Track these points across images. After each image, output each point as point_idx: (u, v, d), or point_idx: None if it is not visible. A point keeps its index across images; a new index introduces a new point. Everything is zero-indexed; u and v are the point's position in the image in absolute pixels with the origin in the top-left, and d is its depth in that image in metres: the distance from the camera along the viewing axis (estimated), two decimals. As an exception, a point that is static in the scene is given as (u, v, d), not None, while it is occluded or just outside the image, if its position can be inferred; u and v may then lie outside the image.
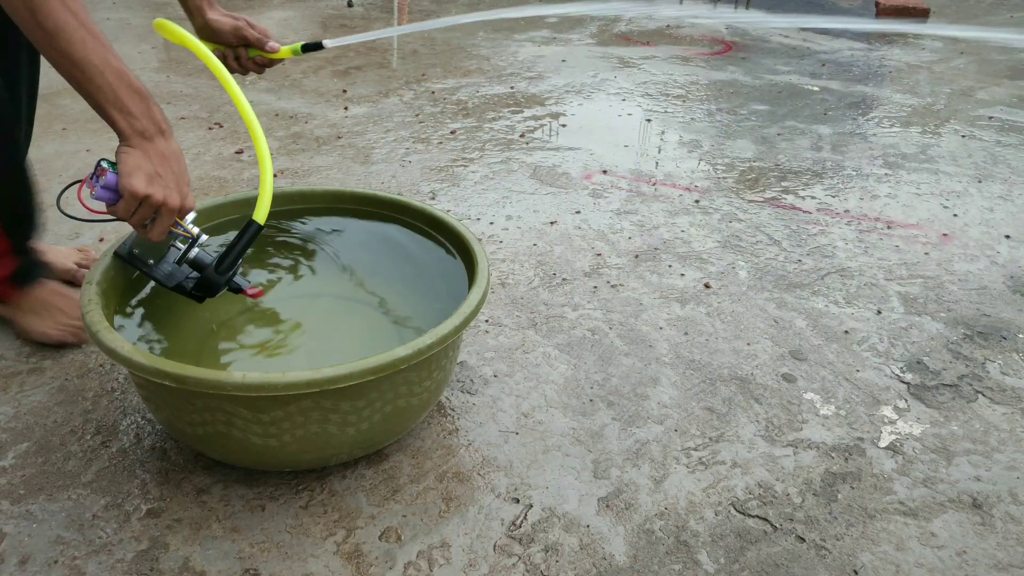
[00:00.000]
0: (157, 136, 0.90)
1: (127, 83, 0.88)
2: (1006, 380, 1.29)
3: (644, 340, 1.35)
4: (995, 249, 1.73)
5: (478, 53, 3.16)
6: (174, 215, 0.93)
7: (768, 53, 3.39)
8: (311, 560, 0.92)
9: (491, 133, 2.28)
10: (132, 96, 0.88)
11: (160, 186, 0.90)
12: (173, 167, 0.92)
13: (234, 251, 0.99)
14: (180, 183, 0.93)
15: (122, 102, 0.88)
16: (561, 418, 1.16)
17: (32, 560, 0.90)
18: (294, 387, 0.83)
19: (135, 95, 0.88)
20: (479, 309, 0.98)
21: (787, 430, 1.16)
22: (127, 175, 0.89)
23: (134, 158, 0.89)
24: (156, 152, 0.90)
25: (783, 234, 1.75)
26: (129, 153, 0.89)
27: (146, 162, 0.89)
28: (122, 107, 0.88)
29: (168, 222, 0.94)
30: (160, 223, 0.93)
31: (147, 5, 3.69)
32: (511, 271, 1.55)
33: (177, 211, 0.93)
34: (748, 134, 2.38)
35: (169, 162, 0.91)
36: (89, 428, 1.10)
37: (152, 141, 0.90)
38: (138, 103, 0.89)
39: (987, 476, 1.09)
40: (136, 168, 0.89)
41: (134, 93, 0.88)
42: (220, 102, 2.43)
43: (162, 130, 0.91)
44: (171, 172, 0.91)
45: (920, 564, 0.95)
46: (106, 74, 0.86)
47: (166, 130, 0.92)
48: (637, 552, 0.95)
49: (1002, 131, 2.50)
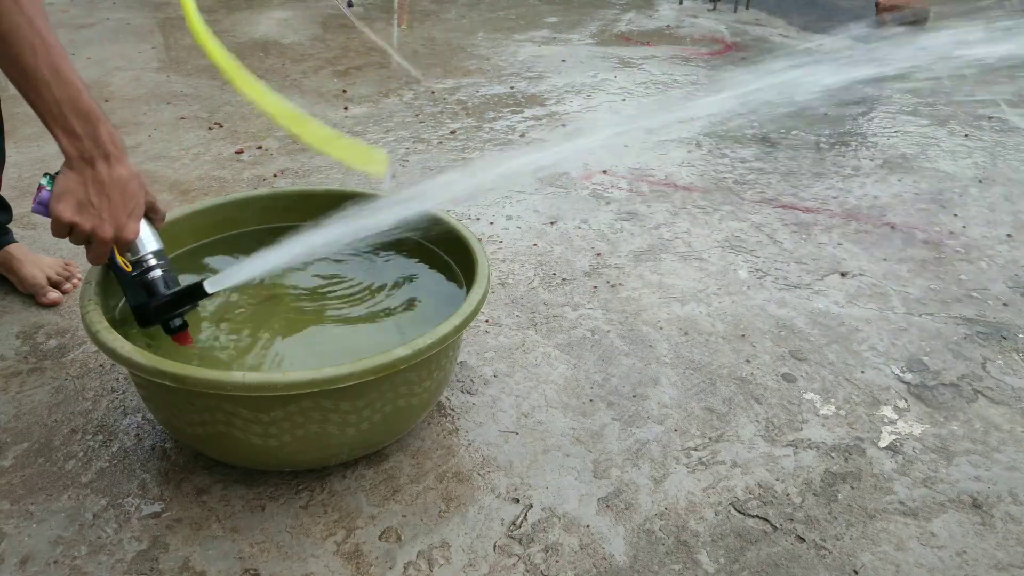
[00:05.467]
0: (100, 161, 0.84)
1: (75, 101, 0.82)
2: (1006, 380, 1.29)
3: (644, 340, 1.35)
4: (995, 249, 1.73)
5: (478, 53, 3.16)
6: (108, 245, 0.88)
7: (768, 53, 3.39)
8: (311, 560, 0.92)
9: (491, 133, 2.28)
10: (78, 116, 0.82)
11: (90, 215, 0.85)
12: (111, 195, 0.86)
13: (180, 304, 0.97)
14: (117, 213, 0.87)
15: (67, 120, 0.82)
16: (561, 418, 1.16)
17: (32, 560, 0.90)
18: (294, 387, 0.83)
19: (81, 115, 0.83)
20: (479, 309, 0.98)
21: (787, 430, 1.16)
22: (56, 199, 0.84)
23: (69, 182, 0.84)
24: (94, 179, 0.85)
25: (783, 234, 1.75)
26: (66, 175, 0.85)
27: (80, 188, 0.84)
28: (66, 126, 0.82)
29: (102, 251, 0.89)
30: (93, 251, 0.89)
31: (147, 5, 3.69)
32: (511, 271, 1.55)
33: (110, 242, 0.88)
34: (748, 134, 2.38)
35: (107, 190, 0.85)
36: (89, 428, 1.10)
37: (93, 166, 0.84)
38: (83, 124, 0.83)
39: (987, 476, 1.09)
40: (66, 193, 0.84)
41: (80, 113, 0.82)
42: (220, 102, 2.43)
43: (107, 154, 0.85)
44: (107, 201, 0.86)
45: (920, 564, 0.95)
46: (53, 88, 0.81)
47: (112, 154, 0.85)
48: (637, 552, 0.95)
49: (1002, 131, 2.50)
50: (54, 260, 1.41)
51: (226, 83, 2.60)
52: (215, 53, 0.98)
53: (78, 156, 0.84)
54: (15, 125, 2.02)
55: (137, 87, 2.55)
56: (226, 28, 3.35)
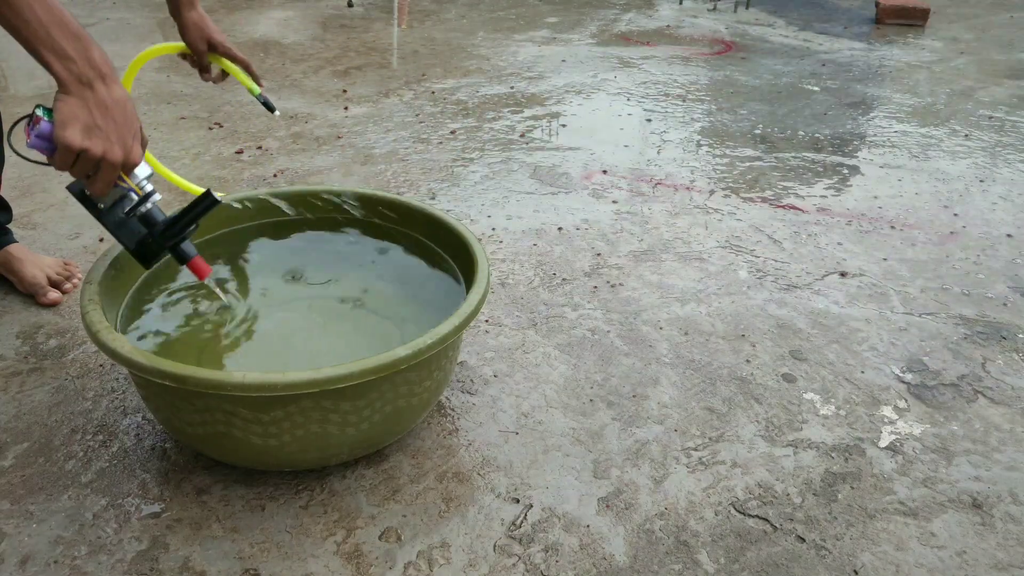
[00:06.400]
0: (97, 81, 0.82)
1: (62, 22, 0.79)
2: (1006, 380, 1.29)
3: (644, 340, 1.35)
4: (996, 249, 1.73)
5: (478, 53, 3.16)
6: (117, 170, 0.85)
7: (768, 53, 3.39)
8: (311, 560, 0.92)
9: (491, 133, 2.28)
10: (67, 36, 0.79)
11: (100, 139, 0.82)
12: (116, 116, 0.83)
13: (184, 219, 0.93)
14: (123, 134, 0.84)
15: (56, 42, 0.79)
16: (561, 418, 1.16)
17: (32, 560, 0.90)
18: (294, 387, 0.83)
19: (70, 36, 0.80)
20: (479, 309, 0.98)
21: (787, 430, 1.16)
22: (61, 126, 0.81)
23: (70, 107, 0.81)
24: (96, 100, 0.82)
25: (783, 234, 1.75)
26: (65, 101, 0.81)
27: (84, 111, 0.81)
28: (56, 48, 0.79)
29: (111, 177, 0.86)
30: (101, 178, 0.85)
31: (147, 5, 3.69)
32: (511, 271, 1.55)
33: (120, 166, 0.85)
34: (748, 134, 2.38)
35: (111, 111, 0.83)
36: (89, 428, 1.10)
37: (92, 87, 0.81)
38: (74, 45, 0.80)
39: (987, 476, 1.09)
40: (72, 118, 0.81)
41: (70, 34, 0.80)
42: (220, 102, 2.43)
43: (103, 75, 0.82)
44: (112, 122, 0.83)
45: (920, 564, 0.95)
46: (36, 9, 0.78)
47: (107, 75, 0.83)
48: (637, 552, 0.95)
49: (1002, 131, 2.50)
50: (54, 260, 1.41)
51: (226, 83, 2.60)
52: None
53: (75, 79, 0.81)
54: (15, 125, 2.02)
55: (137, 87, 2.55)
56: (226, 28, 3.35)
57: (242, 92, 2.52)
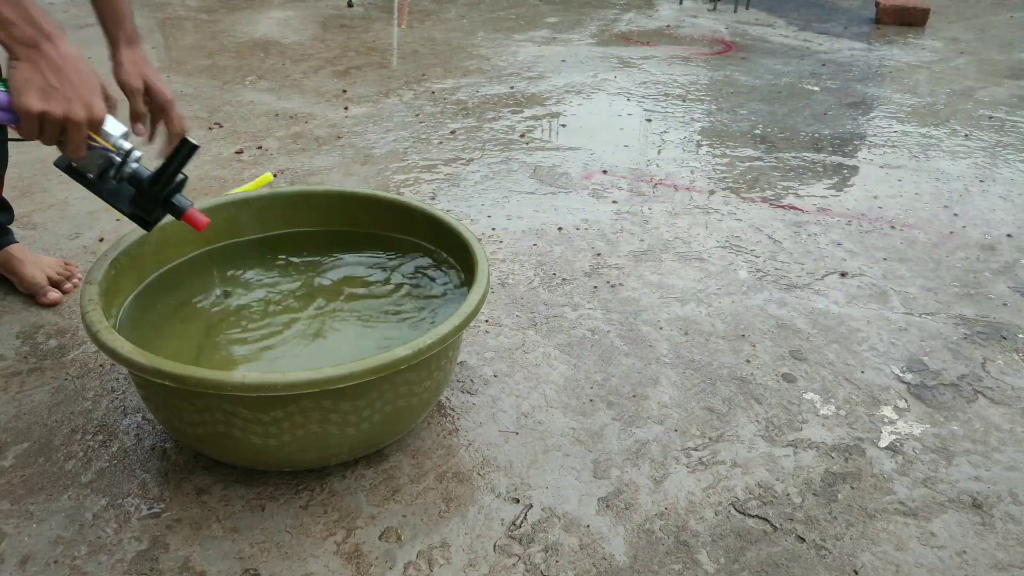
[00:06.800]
0: (44, 42, 0.80)
1: None
2: (1006, 380, 1.29)
3: (644, 340, 1.35)
4: (996, 249, 1.73)
5: (478, 53, 3.16)
6: (83, 128, 0.83)
7: (768, 53, 3.39)
8: (311, 560, 0.92)
9: (491, 133, 2.28)
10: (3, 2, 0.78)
11: (58, 99, 0.80)
12: (70, 75, 0.81)
13: (169, 168, 0.91)
14: (81, 92, 0.82)
15: None
16: (561, 418, 1.16)
17: (32, 560, 0.90)
18: (294, 387, 0.83)
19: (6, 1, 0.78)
20: (479, 309, 0.98)
21: (787, 430, 1.16)
22: (17, 92, 0.79)
23: (22, 72, 0.79)
24: (47, 61, 0.80)
25: (783, 234, 1.75)
26: (17, 67, 0.80)
27: (36, 75, 0.80)
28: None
29: (79, 137, 0.84)
30: (71, 140, 0.83)
31: (147, 5, 3.69)
32: (511, 271, 1.55)
33: (86, 123, 0.83)
34: (748, 134, 2.38)
35: (63, 70, 0.81)
36: (89, 428, 1.10)
37: (39, 48, 0.80)
38: (11, 8, 0.78)
39: (987, 476, 1.09)
40: (26, 83, 0.79)
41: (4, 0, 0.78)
42: (220, 102, 2.43)
43: (48, 34, 0.81)
44: (68, 81, 0.81)
45: (920, 564, 0.95)
46: None
47: (53, 34, 0.81)
48: (637, 552, 0.95)
49: (1002, 131, 2.50)
50: (54, 260, 1.42)
51: (226, 84, 2.60)
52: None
53: (19, 44, 0.80)
54: (15, 125, 2.02)
55: (137, 87, 2.55)
56: (226, 28, 3.35)
57: (242, 92, 2.52)
